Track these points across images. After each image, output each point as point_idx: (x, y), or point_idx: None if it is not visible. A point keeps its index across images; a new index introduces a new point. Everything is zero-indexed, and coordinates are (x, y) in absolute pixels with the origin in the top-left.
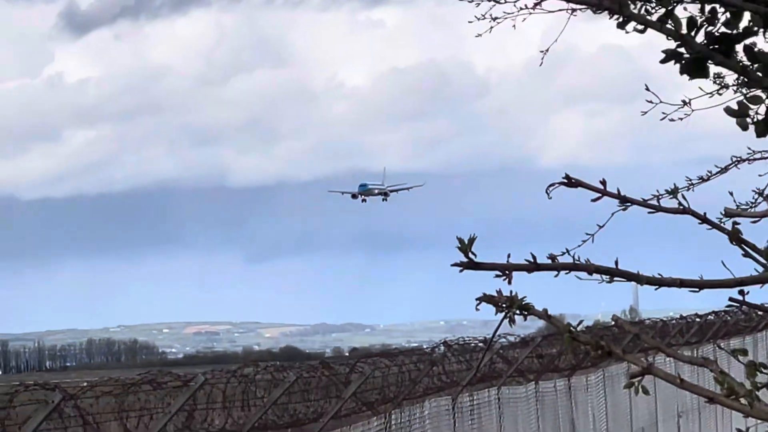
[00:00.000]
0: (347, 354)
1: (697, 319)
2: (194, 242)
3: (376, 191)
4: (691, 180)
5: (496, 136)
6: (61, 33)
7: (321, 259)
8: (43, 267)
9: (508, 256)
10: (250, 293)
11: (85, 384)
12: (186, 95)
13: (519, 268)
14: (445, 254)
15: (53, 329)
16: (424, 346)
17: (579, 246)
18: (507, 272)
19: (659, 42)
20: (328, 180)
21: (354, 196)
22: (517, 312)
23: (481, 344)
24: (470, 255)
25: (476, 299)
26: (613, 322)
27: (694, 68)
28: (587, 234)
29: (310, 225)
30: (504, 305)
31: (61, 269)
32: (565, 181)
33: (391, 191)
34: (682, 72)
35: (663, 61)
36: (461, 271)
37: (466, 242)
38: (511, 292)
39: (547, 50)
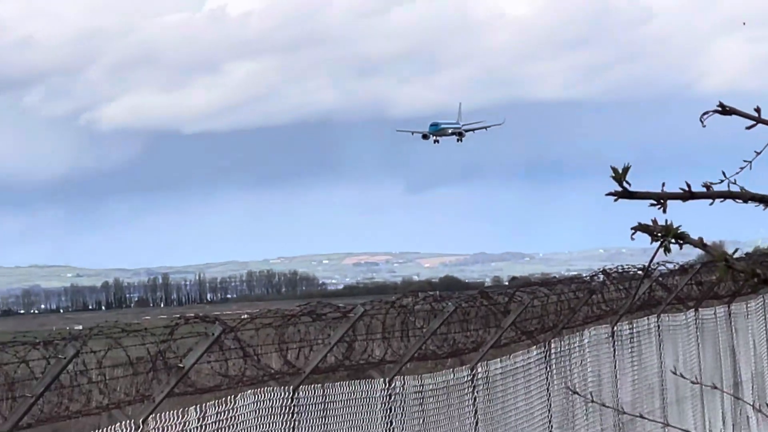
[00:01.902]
0: (506, 283)
1: None
2: (355, 173)
3: (450, 131)
4: None
5: (656, 63)
6: None
7: (481, 188)
8: (204, 200)
9: (663, 184)
10: (410, 223)
11: (245, 316)
12: (347, 26)
13: (673, 196)
14: (604, 182)
15: (213, 262)
16: (583, 275)
17: (737, 173)
18: (662, 201)
19: None
20: (488, 109)
21: (425, 137)
22: (673, 241)
23: (639, 272)
24: (624, 184)
25: (631, 228)
26: None
27: None
28: (745, 161)
29: (470, 154)
30: (659, 234)
31: (221, 202)
32: (719, 109)
33: (467, 130)
34: None
35: None
36: (615, 200)
37: (621, 171)
38: (666, 220)
39: None
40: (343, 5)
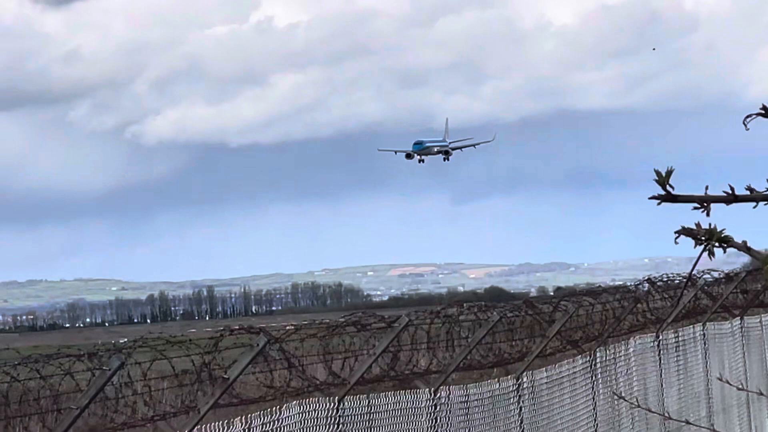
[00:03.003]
0: (551, 293)
1: None
2: (400, 184)
3: (435, 149)
4: None
5: (702, 71)
6: None
7: (526, 198)
8: (250, 212)
9: (706, 188)
10: (455, 234)
11: (290, 327)
12: (393, 37)
13: (717, 200)
14: (648, 191)
15: (259, 274)
16: (628, 284)
17: None
18: (705, 204)
19: None
20: (534, 119)
21: (409, 156)
22: (717, 245)
23: (684, 281)
24: (668, 188)
25: (675, 232)
26: None
27: None
28: None
29: (515, 165)
30: (703, 238)
31: (267, 214)
32: (762, 111)
33: (454, 149)
34: None
35: None
36: (659, 203)
37: (664, 174)
38: (710, 224)
39: None
40: (389, 16)
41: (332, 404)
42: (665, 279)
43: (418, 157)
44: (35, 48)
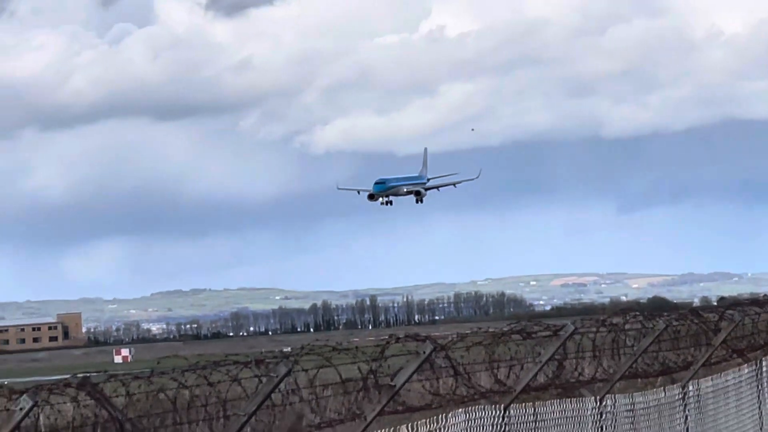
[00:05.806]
0: (715, 303)
1: None
2: (566, 193)
3: (405, 189)
4: None
5: None
6: None
7: (691, 208)
8: (413, 222)
9: None
10: (619, 243)
11: (455, 335)
12: (562, 46)
13: None
14: None
15: (421, 283)
16: None
17: None
18: None
19: None
20: (702, 128)
21: (372, 197)
22: None
23: None
24: None
25: None
26: None
27: None
28: None
29: (682, 174)
30: None
31: (430, 223)
32: None
33: (429, 188)
34: None
35: None
36: None
37: None
38: None
39: None
40: (559, 25)
41: (498, 412)
42: None
43: (383, 199)
44: (207, 58)
